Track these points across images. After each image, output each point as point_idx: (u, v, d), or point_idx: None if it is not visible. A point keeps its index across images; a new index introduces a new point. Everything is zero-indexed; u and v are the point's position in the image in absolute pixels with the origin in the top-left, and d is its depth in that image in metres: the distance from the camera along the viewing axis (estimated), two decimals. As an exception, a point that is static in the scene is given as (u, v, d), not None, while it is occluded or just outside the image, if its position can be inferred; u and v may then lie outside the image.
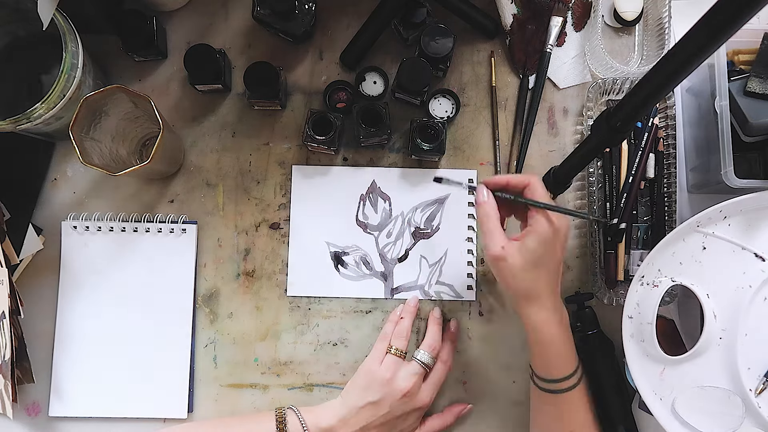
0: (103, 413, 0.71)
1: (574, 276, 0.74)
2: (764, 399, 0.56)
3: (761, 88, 0.66)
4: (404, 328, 0.69)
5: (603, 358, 0.69)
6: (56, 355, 0.71)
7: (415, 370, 0.66)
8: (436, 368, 0.68)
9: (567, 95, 0.76)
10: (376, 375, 0.65)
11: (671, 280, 0.60)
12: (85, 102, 0.62)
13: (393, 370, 0.65)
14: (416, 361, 0.67)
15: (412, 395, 0.65)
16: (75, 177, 0.74)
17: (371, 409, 0.64)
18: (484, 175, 0.75)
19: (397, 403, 0.64)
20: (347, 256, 0.74)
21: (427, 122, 0.70)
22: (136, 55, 0.73)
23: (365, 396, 0.64)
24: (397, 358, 0.66)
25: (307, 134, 0.70)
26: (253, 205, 0.74)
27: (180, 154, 0.74)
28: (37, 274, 0.72)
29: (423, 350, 0.68)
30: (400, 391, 0.64)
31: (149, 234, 0.73)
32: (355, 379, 0.66)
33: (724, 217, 0.60)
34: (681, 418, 0.58)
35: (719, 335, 0.58)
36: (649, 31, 0.76)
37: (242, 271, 0.73)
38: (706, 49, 0.40)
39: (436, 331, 0.70)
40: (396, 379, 0.65)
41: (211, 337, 0.73)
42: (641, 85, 0.47)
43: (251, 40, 0.76)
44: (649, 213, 0.73)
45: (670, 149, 0.72)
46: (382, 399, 0.64)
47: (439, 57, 0.70)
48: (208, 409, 0.72)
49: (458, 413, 0.71)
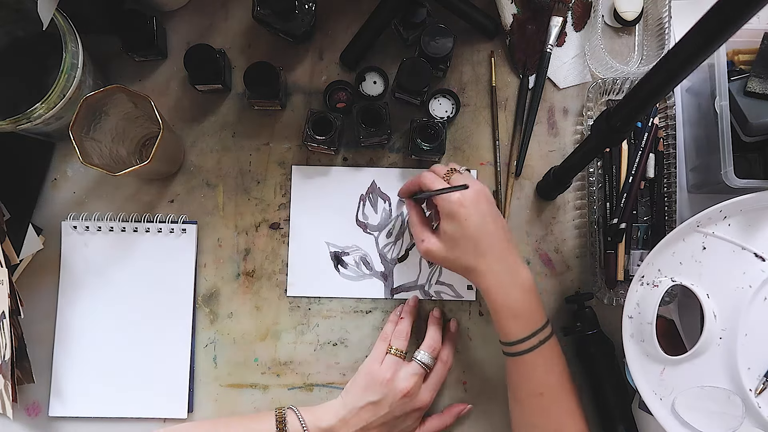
0: (103, 413, 0.71)
1: (574, 276, 0.74)
2: (764, 399, 0.56)
3: (761, 88, 0.66)
4: (404, 328, 0.69)
5: (603, 358, 0.69)
6: (56, 355, 0.71)
7: (415, 371, 0.66)
8: (437, 369, 0.68)
9: (567, 95, 0.76)
10: (376, 375, 0.65)
11: (671, 280, 0.60)
12: (85, 102, 0.61)
13: (393, 371, 0.65)
14: (416, 361, 0.67)
15: (412, 395, 0.65)
16: (75, 177, 0.74)
17: (371, 409, 0.64)
18: (484, 174, 0.75)
19: (397, 404, 0.64)
20: (347, 256, 0.74)
21: (427, 122, 0.70)
22: (136, 55, 0.73)
23: (365, 396, 0.64)
24: (397, 359, 0.66)
25: (307, 134, 0.70)
26: (253, 205, 0.74)
27: (180, 154, 0.74)
28: (37, 274, 0.72)
29: (423, 351, 0.68)
30: (401, 391, 0.64)
31: (149, 234, 0.73)
32: (355, 379, 0.66)
33: (724, 217, 0.60)
34: (681, 418, 0.58)
35: (719, 335, 0.58)
36: (649, 31, 0.76)
37: (242, 271, 0.73)
38: (706, 49, 0.40)
39: (436, 331, 0.70)
40: (396, 379, 0.65)
41: (211, 337, 0.73)
42: (641, 85, 0.47)
43: (251, 40, 0.76)
44: (649, 213, 0.73)
45: (670, 149, 0.72)
46: (382, 399, 0.64)
47: (439, 57, 0.70)
48: (208, 409, 0.72)
49: (458, 413, 0.71)
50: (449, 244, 0.61)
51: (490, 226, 0.61)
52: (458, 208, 0.60)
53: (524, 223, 0.75)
